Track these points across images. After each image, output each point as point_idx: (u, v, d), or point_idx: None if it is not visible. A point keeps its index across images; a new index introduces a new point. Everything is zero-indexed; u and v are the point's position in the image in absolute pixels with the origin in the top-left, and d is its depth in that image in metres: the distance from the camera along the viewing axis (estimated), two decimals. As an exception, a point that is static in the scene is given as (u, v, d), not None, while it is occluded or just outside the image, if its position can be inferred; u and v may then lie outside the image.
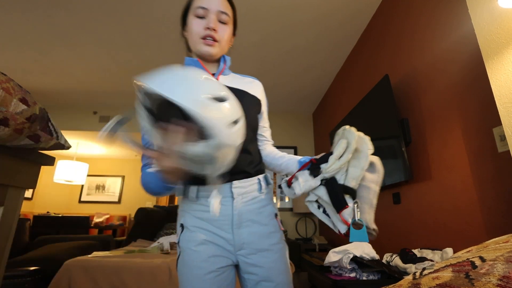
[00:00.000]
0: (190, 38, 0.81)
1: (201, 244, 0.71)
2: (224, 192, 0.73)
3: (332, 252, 1.51)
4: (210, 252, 0.71)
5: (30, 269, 1.53)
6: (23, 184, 0.75)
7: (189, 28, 0.79)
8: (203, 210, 0.73)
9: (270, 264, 0.73)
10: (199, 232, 0.72)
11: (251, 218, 0.75)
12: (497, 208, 1.13)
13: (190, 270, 0.70)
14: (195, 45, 0.79)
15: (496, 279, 0.31)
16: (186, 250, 0.72)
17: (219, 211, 0.71)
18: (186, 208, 0.76)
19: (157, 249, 2.22)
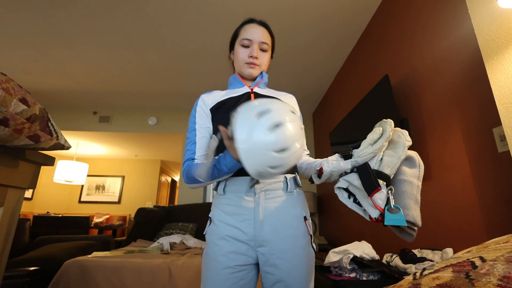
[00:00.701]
0: (236, 62, 0.95)
1: (222, 239, 0.75)
2: (248, 187, 0.77)
3: (332, 252, 1.51)
4: (230, 248, 0.73)
5: (30, 269, 1.52)
6: (23, 184, 0.74)
7: (236, 54, 0.94)
8: (228, 204, 0.78)
9: (289, 268, 0.72)
10: (222, 227, 0.76)
11: (275, 216, 0.76)
12: (497, 208, 1.13)
13: (210, 263, 0.74)
14: (240, 68, 0.93)
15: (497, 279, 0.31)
16: (210, 243, 0.77)
17: (244, 205, 0.76)
18: (215, 202, 0.83)
19: (157, 249, 2.22)
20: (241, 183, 0.78)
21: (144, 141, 4.78)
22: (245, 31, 0.93)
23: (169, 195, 7.00)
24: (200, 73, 3.25)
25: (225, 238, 0.74)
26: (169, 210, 3.57)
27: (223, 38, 2.60)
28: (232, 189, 0.78)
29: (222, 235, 0.75)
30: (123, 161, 6.09)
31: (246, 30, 0.93)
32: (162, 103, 4.10)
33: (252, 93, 0.91)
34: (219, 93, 0.93)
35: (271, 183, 0.78)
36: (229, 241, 0.74)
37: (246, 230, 0.74)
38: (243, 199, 0.76)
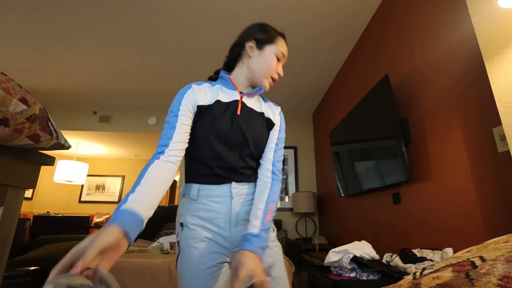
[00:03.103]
0: (259, 65, 0.87)
1: (201, 241, 0.76)
2: (224, 192, 0.80)
3: (332, 252, 1.51)
4: (210, 249, 0.76)
5: (30, 269, 1.53)
6: (23, 184, 0.75)
7: (266, 60, 0.87)
8: (203, 209, 0.79)
9: (265, 259, 0.76)
10: (199, 230, 0.77)
11: (246, 217, 0.81)
12: (497, 208, 1.13)
13: (190, 267, 0.74)
14: (261, 77, 0.88)
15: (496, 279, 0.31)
16: (186, 247, 0.76)
17: (218, 210, 0.79)
18: (187, 207, 0.81)
19: (157, 249, 2.22)
20: (216, 188, 0.80)
21: (144, 141, 4.78)
22: (282, 44, 0.90)
23: (169, 195, 7.00)
24: (200, 72, 3.25)
25: (203, 240, 0.76)
26: (169, 210, 3.57)
27: (223, 38, 2.60)
28: (205, 194, 0.80)
29: (201, 238, 0.76)
30: (123, 161, 6.09)
31: (283, 44, 0.90)
32: (162, 103, 4.10)
33: (240, 103, 0.87)
34: (209, 89, 0.87)
35: (243, 188, 0.83)
36: (208, 243, 0.76)
37: (222, 233, 0.78)
38: (218, 203, 0.79)
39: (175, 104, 0.81)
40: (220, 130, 0.80)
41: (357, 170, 2.36)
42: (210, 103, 0.84)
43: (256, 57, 0.88)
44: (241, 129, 0.84)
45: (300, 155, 4.15)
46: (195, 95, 0.83)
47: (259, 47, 0.88)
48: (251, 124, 0.87)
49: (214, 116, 0.82)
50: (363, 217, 2.42)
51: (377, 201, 2.18)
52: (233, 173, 0.82)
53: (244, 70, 0.90)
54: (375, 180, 2.04)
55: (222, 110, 0.84)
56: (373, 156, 2.06)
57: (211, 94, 0.86)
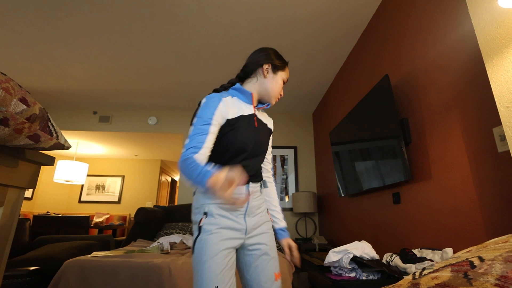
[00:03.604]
0: (271, 86, 1.07)
1: (222, 228, 0.94)
2: (244, 191, 1.00)
3: (332, 252, 1.51)
4: (227, 235, 0.94)
5: (30, 269, 1.53)
6: (23, 184, 0.75)
7: (278, 83, 1.08)
8: (225, 203, 0.96)
9: (267, 243, 1.02)
10: (221, 219, 0.95)
11: (255, 210, 1.03)
12: (497, 208, 1.13)
13: (210, 247, 0.90)
14: (271, 96, 1.09)
15: (494, 279, 0.31)
16: (209, 231, 0.92)
17: None
18: (208, 201, 0.97)
19: (157, 249, 2.22)
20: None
21: (144, 141, 4.78)
22: (288, 72, 1.13)
23: (169, 195, 7.00)
24: (200, 72, 3.25)
25: (224, 227, 0.94)
26: (169, 210, 3.57)
27: (224, 37, 2.60)
28: None
29: (222, 225, 0.94)
30: (123, 161, 6.09)
31: (288, 71, 1.13)
32: (162, 103, 4.11)
33: (255, 117, 1.07)
34: (232, 102, 1.02)
35: (256, 187, 1.05)
36: (227, 230, 0.94)
37: (240, 221, 0.97)
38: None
39: (207, 112, 0.95)
40: (246, 143, 0.99)
41: (357, 170, 2.36)
42: (237, 116, 1.01)
43: (270, 78, 1.07)
44: (259, 141, 1.05)
45: (300, 155, 4.15)
46: (226, 108, 0.98)
47: (274, 71, 1.07)
48: (262, 135, 1.08)
49: (241, 129, 0.99)
50: (363, 217, 2.42)
51: (377, 201, 2.18)
52: (251, 176, 1.02)
53: (257, 86, 1.07)
54: (375, 180, 2.04)
55: (246, 124, 1.01)
56: (373, 156, 2.06)
57: (236, 108, 1.02)
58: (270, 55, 1.08)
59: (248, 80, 1.08)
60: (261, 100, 1.10)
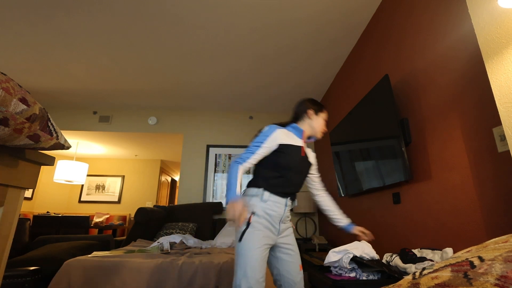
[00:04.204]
0: (313, 124, 1.42)
1: (265, 228, 1.25)
2: (283, 202, 1.31)
3: (332, 252, 1.51)
4: (267, 234, 1.25)
5: (30, 269, 1.53)
6: (23, 184, 0.75)
7: (317, 121, 1.43)
8: (270, 209, 1.27)
9: (292, 242, 1.35)
10: (265, 220, 1.26)
11: (286, 219, 1.36)
12: (497, 208, 1.13)
13: (257, 239, 1.21)
14: (317, 132, 1.44)
15: (494, 279, 0.31)
16: (256, 228, 1.23)
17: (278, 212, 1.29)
18: (256, 203, 1.27)
19: (157, 249, 2.22)
20: (279, 199, 1.30)
21: (144, 141, 4.78)
22: (326, 113, 1.47)
23: (169, 195, 7.00)
24: (200, 72, 3.25)
25: (266, 228, 1.25)
26: (169, 210, 3.57)
27: (224, 37, 2.60)
28: (274, 200, 1.29)
29: (265, 226, 1.25)
30: (123, 161, 6.09)
31: (326, 113, 1.47)
32: (162, 103, 4.11)
33: (303, 148, 1.38)
34: (285, 132, 1.35)
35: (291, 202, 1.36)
36: (268, 230, 1.25)
37: (275, 226, 1.28)
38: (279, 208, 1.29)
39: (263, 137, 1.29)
40: (293, 165, 1.31)
41: (357, 170, 2.36)
42: (288, 143, 1.32)
43: (315, 119, 1.42)
44: (303, 167, 1.37)
45: (300, 155, 4.15)
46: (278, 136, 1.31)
47: (316, 113, 1.43)
48: (306, 164, 1.39)
49: (290, 154, 1.30)
50: (363, 217, 2.42)
51: (377, 201, 2.18)
52: (291, 194, 1.34)
53: (306, 126, 1.42)
54: (375, 180, 2.04)
55: (294, 151, 1.32)
56: (373, 156, 2.06)
57: (289, 138, 1.34)
58: (311, 103, 1.43)
59: (299, 122, 1.44)
60: (309, 136, 1.45)
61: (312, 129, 1.42)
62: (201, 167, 4.09)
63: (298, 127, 1.41)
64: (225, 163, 4.11)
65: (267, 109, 4.27)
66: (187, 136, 4.23)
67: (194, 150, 4.17)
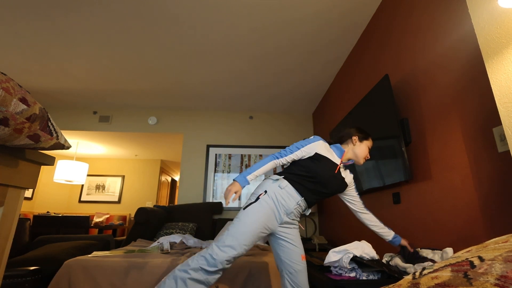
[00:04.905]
0: (358, 150, 1.50)
1: (270, 209, 1.32)
2: (298, 198, 1.38)
3: (332, 252, 1.51)
4: (269, 214, 1.32)
5: (30, 269, 1.53)
6: (23, 184, 0.75)
7: (362, 149, 1.50)
8: (281, 197, 1.34)
9: (292, 234, 1.40)
10: (273, 203, 1.33)
11: (292, 216, 1.40)
12: (497, 208, 1.13)
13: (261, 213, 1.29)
14: (359, 158, 1.50)
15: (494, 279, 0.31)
16: (263, 205, 1.31)
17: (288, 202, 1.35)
18: (272, 187, 1.36)
19: (157, 249, 2.22)
20: (295, 193, 1.37)
21: (144, 140, 4.78)
22: (371, 141, 1.53)
23: (169, 195, 7.00)
24: (200, 72, 3.25)
25: (271, 210, 1.33)
26: (169, 210, 3.57)
27: (224, 37, 2.60)
28: (288, 191, 1.35)
29: (271, 207, 1.32)
30: (123, 160, 6.09)
31: (371, 141, 1.53)
32: (162, 103, 4.11)
33: (339, 167, 1.44)
34: (327, 147, 1.45)
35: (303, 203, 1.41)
36: (272, 213, 1.33)
37: (280, 213, 1.34)
38: (291, 202, 1.36)
39: (305, 142, 1.41)
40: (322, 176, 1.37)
41: (357, 170, 2.36)
42: (324, 155, 1.40)
43: (358, 146, 1.49)
44: (332, 183, 1.41)
45: (300, 155, 4.15)
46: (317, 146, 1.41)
47: (360, 140, 1.50)
48: (337, 181, 1.44)
49: (322, 164, 1.38)
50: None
51: (377, 201, 2.18)
52: (309, 197, 1.39)
53: (349, 149, 1.50)
54: (375, 180, 2.04)
55: (328, 165, 1.39)
56: (373, 156, 2.06)
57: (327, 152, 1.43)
58: (357, 131, 1.52)
59: (343, 145, 1.52)
60: (349, 160, 1.52)
61: (354, 154, 1.50)
62: (201, 167, 4.09)
63: (340, 147, 1.49)
64: (225, 163, 4.11)
65: (267, 109, 4.27)
66: (187, 136, 4.23)
67: (194, 150, 4.17)
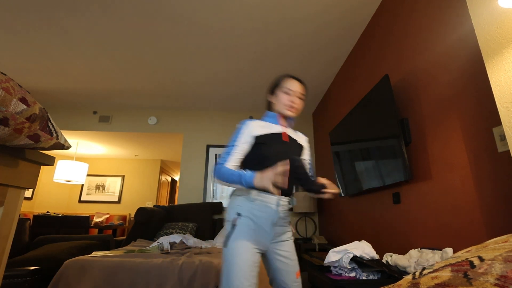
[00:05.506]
0: (277, 103, 1.27)
1: (252, 230, 1.10)
2: (273, 201, 1.14)
3: (332, 252, 1.51)
4: (256, 238, 1.10)
5: (30, 269, 1.53)
6: (23, 184, 0.75)
7: (277, 97, 1.27)
8: (258, 210, 1.13)
9: (289, 250, 1.18)
10: (253, 222, 1.11)
11: (281, 221, 1.18)
12: (497, 208, 1.13)
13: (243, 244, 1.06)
14: (281, 109, 1.26)
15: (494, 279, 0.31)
16: (242, 231, 1.09)
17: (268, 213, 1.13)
18: (242, 204, 1.14)
19: (157, 249, 2.22)
20: (269, 198, 1.14)
21: (144, 140, 4.78)
22: (287, 83, 1.27)
23: (169, 195, 7.00)
24: (200, 72, 3.25)
25: (255, 230, 1.10)
26: (169, 210, 3.57)
27: (224, 37, 2.60)
28: (262, 200, 1.13)
29: (253, 228, 1.10)
30: (123, 160, 6.09)
31: (288, 82, 1.27)
32: (162, 103, 4.11)
33: (285, 133, 1.25)
34: (260, 123, 1.23)
35: (285, 201, 1.19)
36: (257, 234, 1.10)
37: (267, 230, 1.13)
38: (270, 208, 1.14)
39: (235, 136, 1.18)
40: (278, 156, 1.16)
41: (357, 170, 2.36)
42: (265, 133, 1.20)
43: (275, 100, 1.29)
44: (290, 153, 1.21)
45: (300, 155, 4.15)
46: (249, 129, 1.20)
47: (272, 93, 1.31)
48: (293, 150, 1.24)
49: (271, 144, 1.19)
50: (363, 217, 2.42)
51: (377, 201, 2.18)
52: (284, 191, 1.16)
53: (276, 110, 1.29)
54: (375, 180, 2.04)
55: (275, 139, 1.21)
56: (373, 156, 2.06)
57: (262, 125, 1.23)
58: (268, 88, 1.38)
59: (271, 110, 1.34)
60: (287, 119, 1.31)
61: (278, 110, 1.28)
62: (201, 167, 4.09)
63: (271, 113, 1.30)
64: (225, 163, 4.10)
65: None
66: (187, 136, 4.23)
67: (194, 150, 4.17)
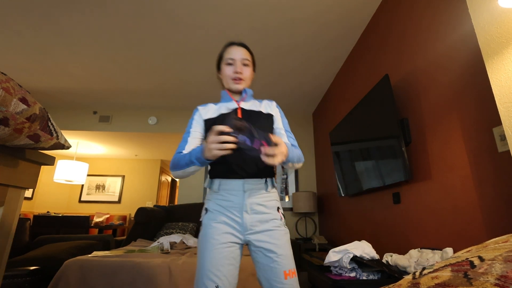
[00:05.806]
0: (223, 79, 1.14)
1: (218, 223, 0.98)
2: (238, 187, 1.00)
3: (332, 252, 1.51)
4: (224, 230, 0.97)
5: (30, 269, 1.53)
6: (23, 184, 0.75)
7: (222, 72, 1.13)
8: (222, 199, 1.01)
9: (273, 241, 0.98)
10: (217, 214, 1.00)
11: (255, 207, 1.00)
12: (497, 208, 1.13)
13: (208, 240, 0.96)
14: (228, 84, 1.12)
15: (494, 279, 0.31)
16: (207, 226, 0.99)
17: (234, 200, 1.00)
18: (210, 197, 1.04)
19: (157, 249, 2.22)
20: (232, 184, 1.01)
21: (144, 140, 4.78)
22: (228, 52, 1.12)
23: (169, 195, 7.00)
24: (200, 72, 3.25)
25: (220, 222, 0.98)
26: (169, 210, 3.57)
27: (224, 37, 2.60)
28: (225, 188, 1.01)
29: (218, 220, 0.99)
30: (123, 160, 6.09)
31: (229, 51, 1.13)
32: (162, 103, 4.11)
33: (239, 108, 1.10)
34: (213, 107, 1.13)
35: (256, 184, 1.02)
36: (223, 224, 0.98)
37: (235, 218, 0.99)
38: (234, 195, 1.00)
39: (189, 125, 1.10)
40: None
41: (357, 170, 2.36)
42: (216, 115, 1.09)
43: (221, 75, 1.16)
44: None
45: (300, 155, 4.15)
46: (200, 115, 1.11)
47: (218, 70, 1.18)
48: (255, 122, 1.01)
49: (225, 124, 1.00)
50: (363, 217, 2.42)
51: (377, 201, 2.18)
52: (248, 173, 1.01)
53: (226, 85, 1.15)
54: (375, 180, 2.04)
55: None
56: (373, 156, 2.06)
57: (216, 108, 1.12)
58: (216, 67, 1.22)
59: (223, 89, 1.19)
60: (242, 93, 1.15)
61: (226, 84, 1.15)
62: (201, 167, 4.08)
63: (223, 92, 1.18)
64: (225, 163, 4.11)
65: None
66: (187, 136, 4.23)
67: (194, 150, 4.17)
